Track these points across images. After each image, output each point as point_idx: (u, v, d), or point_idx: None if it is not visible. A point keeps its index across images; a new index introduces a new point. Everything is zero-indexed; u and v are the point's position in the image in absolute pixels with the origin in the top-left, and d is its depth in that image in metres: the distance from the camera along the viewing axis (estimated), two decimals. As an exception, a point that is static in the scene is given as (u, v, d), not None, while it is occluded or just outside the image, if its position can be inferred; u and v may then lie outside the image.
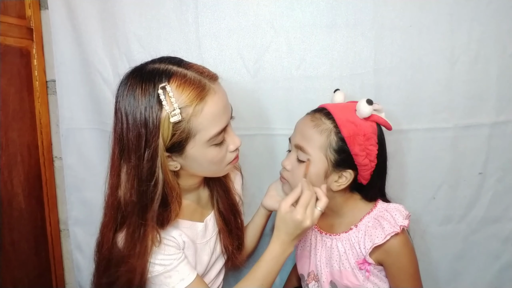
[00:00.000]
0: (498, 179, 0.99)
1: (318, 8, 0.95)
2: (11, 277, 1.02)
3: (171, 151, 0.69)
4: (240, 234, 0.89)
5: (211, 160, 0.72)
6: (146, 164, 0.66)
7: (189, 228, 0.80)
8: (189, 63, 0.71)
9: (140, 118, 0.65)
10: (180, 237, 0.77)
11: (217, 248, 0.87)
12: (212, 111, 0.68)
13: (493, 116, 0.95)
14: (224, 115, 0.71)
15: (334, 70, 0.96)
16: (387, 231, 0.75)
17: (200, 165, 0.73)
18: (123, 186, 0.70)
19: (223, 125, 0.70)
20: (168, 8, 0.99)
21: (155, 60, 0.71)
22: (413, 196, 1.00)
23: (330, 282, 0.84)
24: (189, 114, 0.66)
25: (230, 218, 0.87)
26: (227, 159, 0.75)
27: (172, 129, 0.66)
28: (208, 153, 0.71)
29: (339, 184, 0.79)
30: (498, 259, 1.03)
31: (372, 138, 0.76)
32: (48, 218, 1.15)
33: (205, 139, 0.68)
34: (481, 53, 0.93)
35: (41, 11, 1.08)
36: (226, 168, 0.77)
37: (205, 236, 0.84)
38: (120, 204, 0.71)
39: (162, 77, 0.66)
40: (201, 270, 0.81)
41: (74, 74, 1.05)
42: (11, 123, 1.01)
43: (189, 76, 0.67)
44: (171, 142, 0.67)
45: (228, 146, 0.74)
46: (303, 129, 0.80)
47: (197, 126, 0.67)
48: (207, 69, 0.71)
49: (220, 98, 0.70)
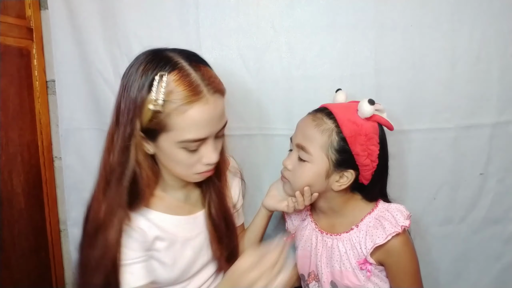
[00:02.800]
0: (499, 180, 0.99)
1: (318, 8, 0.94)
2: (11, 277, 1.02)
3: (147, 135, 0.70)
4: (231, 245, 0.87)
5: (178, 162, 0.72)
6: (126, 137, 0.69)
7: (167, 222, 0.79)
8: (202, 65, 0.71)
9: (133, 92, 0.67)
10: (150, 230, 0.76)
11: (207, 250, 0.85)
12: (194, 118, 0.67)
13: (495, 116, 0.95)
14: (205, 127, 0.69)
15: (335, 70, 0.96)
16: (388, 231, 0.75)
17: (167, 160, 0.73)
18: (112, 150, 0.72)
19: (200, 136, 0.69)
20: (169, 9, 0.99)
21: (175, 49, 0.72)
22: (414, 196, 1.00)
23: (331, 282, 0.84)
24: (170, 110, 0.66)
25: (221, 226, 0.85)
26: (196, 168, 0.73)
27: (151, 116, 0.67)
28: (177, 153, 0.70)
29: (340, 184, 0.79)
30: (499, 260, 1.03)
31: (373, 138, 0.76)
32: (48, 218, 1.15)
33: (177, 139, 0.68)
34: (482, 53, 0.92)
35: (41, 11, 1.08)
36: (194, 177, 0.76)
37: (191, 230, 0.83)
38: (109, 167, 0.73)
39: (167, 66, 0.67)
40: (184, 265, 0.81)
41: (74, 74, 1.05)
42: (11, 123, 1.01)
43: (191, 77, 0.67)
44: (147, 126, 0.68)
45: (201, 158, 0.72)
46: (305, 129, 0.80)
47: (174, 124, 0.67)
48: (215, 78, 0.71)
49: (210, 110, 0.68)
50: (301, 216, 0.94)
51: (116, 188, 0.72)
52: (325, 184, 0.79)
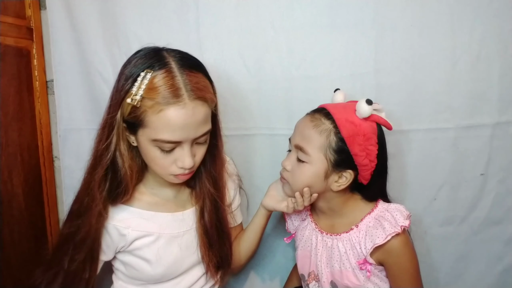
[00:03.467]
0: (500, 180, 0.98)
1: (318, 8, 0.94)
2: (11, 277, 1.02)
3: (128, 125, 0.72)
4: (222, 254, 0.86)
5: (152, 159, 0.73)
6: (108, 126, 0.72)
7: (150, 220, 0.80)
8: (194, 72, 0.71)
9: (121, 82, 0.70)
10: (126, 229, 0.78)
11: (195, 248, 0.84)
12: (168, 119, 0.67)
13: (495, 116, 0.95)
14: (180, 131, 0.69)
15: (335, 70, 0.96)
16: (388, 231, 0.75)
17: (144, 155, 0.75)
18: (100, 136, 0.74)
19: (174, 138, 0.69)
20: (169, 9, 0.99)
21: (176, 50, 0.73)
22: (414, 197, 1.00)
23: (331, 282, 0.84)
24: (146, 107, 0.67)
25: (213, 234, 0.84)
26: (171, 169, 0.74)
27: (130, 109, 0.69)
28: (151, 150, 0.72)
29: (339, 184, 0.79)
30: (500, 261, 1.02)
31: (372, 138, 0.76)
32: (48, 218, 1.15)
33: (151, 137, 0.69)
34: (482, 53, 0.92)
35: (41, 11, 1.08)
36: (170, 177, 0.76)
37: (178, 227, 0.83)
38: (95, 152, 0.75)
39: (157, 64, 0.69)
40: (169, 263, 0.81)
41: (73, 74, 1.05)
42: (11, 123, 1.01)
43: (175, 79, 0.68)
44: (128, 117, 0.70)
45: (176, 160, 0.73)
46: (303, 130, 0.80)
47: (149, 121, 0.68)
48: (201, 87, 0.70)
49: (185, 115, 0.68)
50: (301, 216, 0.94)
51: (98, 169, 0.74)
52: (324, 184, 0.79)
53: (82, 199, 0.76)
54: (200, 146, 0.75)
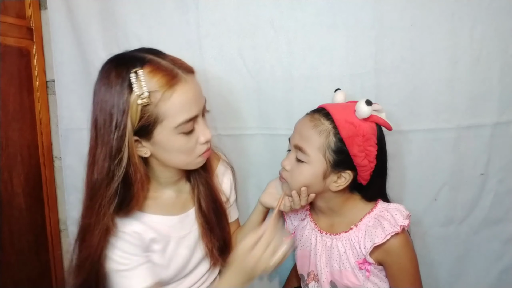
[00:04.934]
0: (500, 180, 0.98)
1: (318, 8, 0.94)
2: (11, 277, 1.02)
3: (140, 135, 0.70)
4: (223, 234, 0.88)
5: (179, 149, 0.73)
6: (115, 143, 0.69)
7: (160, 223, 0.80)
8: (166, 54, 0.73)
9: (111, 100, 0.68)
10: (146, 233, 0.77)
11: (200, 246, 0.85)
12: (180, 99, 0.69)
13: (495, 116, 0.95)
14: (193, 105, 0.71)
15: (335, 70, 0.96)
16: (387, 230, 0.75)
17: (168, 153, 0.74)
18: (96, 164, 0.71)
19: (192, 114, 0.71)
20: (169, 8, 0.99)
21: (134, 50, 0.74)
22: (414, 197, 1.00)
23: (330, 282, 0.84)
24: (157, 99, 0.67)
25: (211, 216, 0.86)
26: (197, 151, 0.75)
27: (140, 112, 0.68)
28: (176, 141, 0.71)
29: (338, 185, 0.79)
30: (500, 260, 1.02)
31: (371, 139, 0.76)
32: (48, 218, 1.15)
33: (172, 125, 0.69)
34: (483, 53, 0.92)
35: (41, 11, 1.08)
36: (197, 160, 0.77)
37: (183, 229, 0.83)
38: (92, 183, 0.72)
39: (137, 63, 0.68)
40: (180, 265, 0.81)
41: (73, 74, 1.06)
42: (11, 123, 1.01)
43: (162, 64, 0.69)
44: (139, 124, 0.69)
45: (198, 138, 0.74)
46: (302, 130, 0.80)
47: (165, 111, 0.68)
48: (183, 61, 0.73)
49: (192, 89, 0.71)
50: (301, 216, 0.94)
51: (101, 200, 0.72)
52: (322, 184, 0.79)
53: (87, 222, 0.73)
54: (204, 118, 0.77)
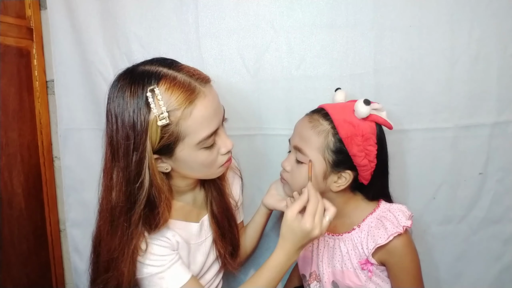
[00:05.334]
0: (498, 180, 0.98)
1: (318, 8, 0.94)
2: (11, 277, 1.02)
3: (161, 153, 0.68)
4: (234, 240, 0.88)
5: (202, 163, 0.71)
6: (134, 166, 0.66)
7: (183, 229, 0.80)
8: (180, 65, 0.70)
9: (129, 120, 0.65)
10: (173, 237, 0.76)
11: (213, 250, 0.86)
12: (201, 115, 0.67)
13: (494, 116, 0.95)
14: (214, 118, 0.69)
15: (334, 70, 0.96)
16: (390, 231, 0.75)
17: (191, 167, 0.72)
18: (114, 189, 0.69)
19: (213, 128, 0.69)
20: (168, 8, 0.99)
21: (146, 61, 0.71)
22: (413, 196, 1.00)
23: (332, 282, 0.84)
24: (177, 117, 0.65)
25: (224, 222, 0.85)
26: (219, 161, 0.74)
27: (161, 132, 0.65)
28: (198, 156, 0.70)
29: (338, 185, 0.79)
30: (499, 260, 1.02)
31: (370, 138, 0.76)
32: (48, 218, 1.15)
33: (194, 142, 0.68)
34: (481, 53, 0.92)
35: (41, 11, 1.08)
36: (219, 170, 0.76)
37: (200, 236, 0.84)
38: (111, 207, 0.70)
39: (152, 79, 0.65)
40: (196, 271, 0.81)
41: (73, 74, 1.05)
42: (11, 123, 1.01)
43: (178, 79, 0.66)
44: (159, 145, 0.66)
45: (219, 149, 0.73)
46: (301, 131, 0.80)
47: (186, 129, 0.66)
48: (198, 71, 0.70)
49: (210, 101, 0.68)
50: (301, 216, 0.94)
51: (124, 224, 0.69)
52: (323, 185, 0.79)
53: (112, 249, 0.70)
54: (223, 128, 0.76)
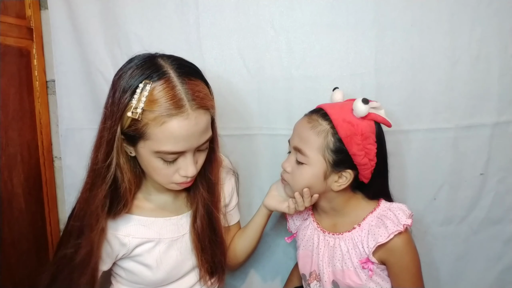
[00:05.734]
0: (499, 180, 0.98)
1: (319, 7, 0.94)
2: (11, 277, 1.02)
3: (127, 138, 0.70)
4: (215, 258, 0.85)
5: (154, 169, 0.71)
6: (107, 134, 0.68)
7: (152, 224, 0.80)
8: (193, 79, 0.69)
9: (118, 94, 0.67)
10: (127, 238, 0.77)
11: (192, 255, 0.84)
12: (172, 131, 0.65)
13: (495, 116, 0.95)
14: (183, 142, 0.67)
15: (335, 70, 0.96)
16: (391, 230, 0.75)
17: (145, 166, 0.73)
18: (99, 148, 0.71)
19: (177, 149, 0.68)
20: (169, 9, 0.99)
21: (172, 56, 0.71)
22: (414, 196, 1.00)
23: (332, 281, 0.84)
24: (149, 119, 0.65)
25: (204, 239, 0.83)
26: (174, 178, 0.73)
27: (130, 122, 0.67)
28: (153, 161, 0.70)
29: (339, 184, 0.79)
30: (500, 260, 1.02)
31: (370, 137, 0.76)
32: (48, 218, 1.14)
33: (153, 149, 0.68)
34: (482, 52, 0.92)
35: (41, 11, 1.08)
36: (172, 185, 0.75)
37: (178, 231, 0.83)
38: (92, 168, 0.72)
39: (155, 74, 0.66)
40: (170, 266, 0.81)
41: (74, 74, 1.05)
42: (11, 123, 1.01)
43: (175, 90, 0.65)
44: (126, 131, 0.68)
45: (179, 169, 0.72)
46: (301, 131, 0.80)
47: (151, 133, 0.66)
48: (204, 96, 0.69)
49: (189, 126, 0.66)
50: (303, 216, 0.94)
51: (99, 187, 0.71)
52: (324, 185, 0.79)
53: (82, 218, 0.73)
54: (201, 153, 0.75)
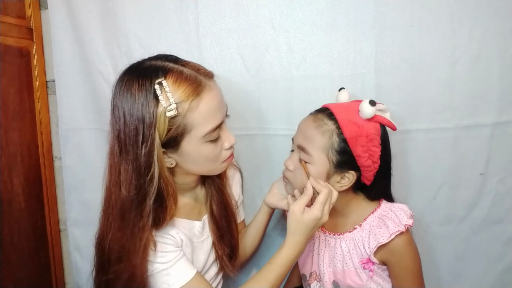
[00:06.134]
0: (499, 180, 0.98)
1: (318, 7, 0.94)
2: (11, 277, 1.02)
3: (167, 147, 0.70)
4: (233, 242, 0.88)
5: (206, 157, 0.73)
6: (143, 159, 0.67)
7: (186, 227, 0.80)
8: (184, 60, 0.72)
9: (137, 113, 0.66)
10: (177, 235, 0.77)
11: (213, 250, 0.86)
12: (207, 107, 0.69)
13: (495, 116, 0.95)
14: (219, 112, 0.71)
15: (335, 70, 0.96)
16: (392, 230, 0.75)
17: (195, 162, 0.73)
18: (123, 183, 0.69)
19: (218, 121, 0.71)
20: (168, 8, 0.99)
21: (152, 57, 0.73)
22: (414, 196, 1.00)
23: (333, 282, 0.84)
24: (185, 109, 0.67)
25: (223, 223, 0.86)
26: (222, 156, 0.76)
27: (168, 124, 0.67)
28: (203, 149, 0.71)
29: (341, 185, 0.79)
30: (500, 260, 1.02)
31: (375, 139, 0.76)
32: (48, 218, 1.15)
33: (200, 135, 0.69)
34: (482, 52, 0.92)
35: (41, 11, 1.08)
36: (222, 165, 0.77)
37: (203, 234, 0.84)
38: (121, 201, 0.70)
39: (159, 73, 0.67)
40: (199, 269, 0.81)
41: (73, 74, 1.06)
42: (11, 123, 1.01)
43: (185, 72, 0.68)
44: (167, 137, 0.67)
45: (223, 144, 0.75)
46: (306, 130, 0.79)
47: (192, 121, 0.68)
48: (202, 67, 0.73)
49: (216, 95, 0.71)
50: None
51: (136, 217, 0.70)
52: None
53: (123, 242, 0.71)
54: (225, 124, 0.77)
